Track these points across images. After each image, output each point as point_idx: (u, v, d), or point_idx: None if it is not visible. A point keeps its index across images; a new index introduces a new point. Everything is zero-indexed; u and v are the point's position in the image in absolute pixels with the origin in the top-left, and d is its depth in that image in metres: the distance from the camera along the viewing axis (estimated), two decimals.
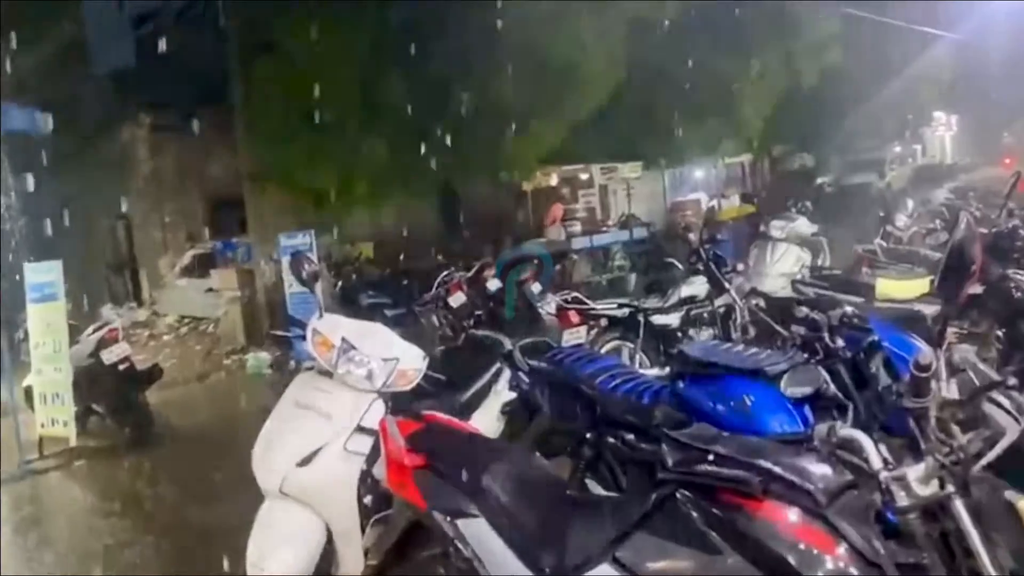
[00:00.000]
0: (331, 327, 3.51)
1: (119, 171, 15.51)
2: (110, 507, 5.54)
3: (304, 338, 3.68)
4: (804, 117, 18.97)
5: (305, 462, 3.12)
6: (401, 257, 12.42)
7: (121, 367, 6.83)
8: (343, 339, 3.38)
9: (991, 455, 1.47)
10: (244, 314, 11.50)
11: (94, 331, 7.15)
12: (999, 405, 1.53)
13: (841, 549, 1.56)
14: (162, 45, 11.57)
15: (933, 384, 1.55)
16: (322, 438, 3.18)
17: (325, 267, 11.31)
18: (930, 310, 4.06)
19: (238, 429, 6.14)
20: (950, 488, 1.50)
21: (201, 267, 13.93)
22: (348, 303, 9.25)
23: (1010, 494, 1.51)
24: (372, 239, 15.08)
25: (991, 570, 1.43)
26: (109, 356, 6.77)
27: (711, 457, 1.85)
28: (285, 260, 10.30)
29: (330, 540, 3.09)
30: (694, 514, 1.80)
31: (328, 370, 3.39)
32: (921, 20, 18.62)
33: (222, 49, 11.48)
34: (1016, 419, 1.49)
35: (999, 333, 4.07)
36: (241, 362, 10.53)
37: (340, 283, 10.62)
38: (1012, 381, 1.57)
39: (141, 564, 4.47)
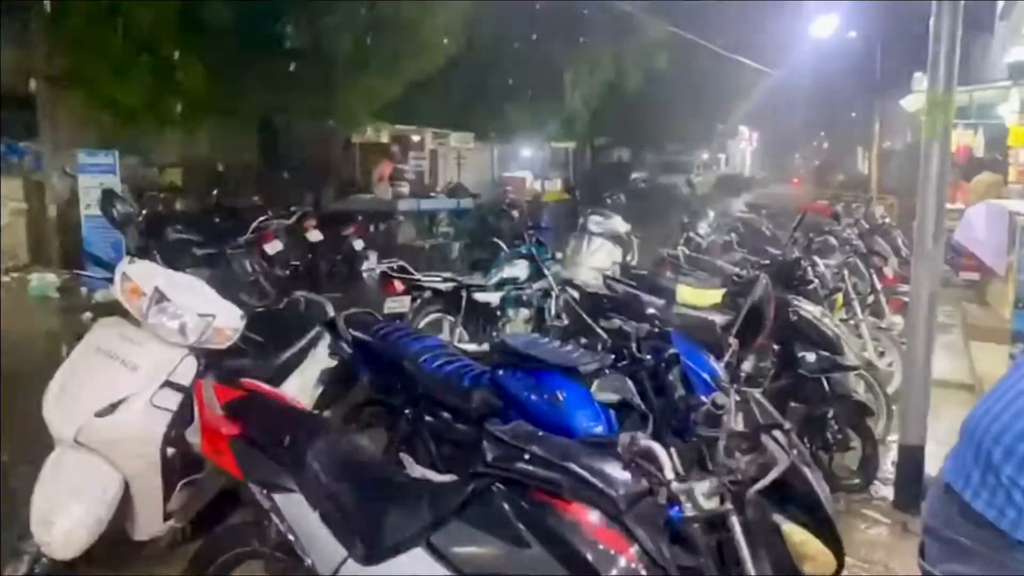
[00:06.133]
0: (143, 274, 3.33)
1: None
2: None
3: (106, 280, 3.47)
4: (626, 114, 20.12)
5: (105, 413, 2.97)
6: (214, 192, 11.70)
7: None
8: (156, 289, 3.22)
9: (765, 481, 1.74)
10: (30, 229, 10.37)
11: None
12: (775, 440, 1.81)
13: (633, 551, 1.77)
14: None
15: (725, 418, 1.82)
16: (126, 389, 3.03)
17: (128, 190, 10.45)
18: (720, 319, 4.52)
19: (20, 357, 5.58)
20: (729, 505, 1.76)
21: None
22: (152, 236, 8.57)
23: (777, 517, 1.80)
24: (181, 166, 14.09)
25: None
26: None
27: (528, 457, 2.01)
28: (83, 178, 9.46)
29: (128, 497, 2.97)
30: (507, 507, 1.93)
31: (137, 319, 3.23)
32: (738, 50, 20.80)
33: None
34: (787, 453, 1.78)
35: (775, 347, 4.61)
36: (23, 281, 9.50)
37: (144, 211, 9.82)
38: (788, 425, 1.86)
39: None
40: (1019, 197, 8.92)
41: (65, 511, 2.83)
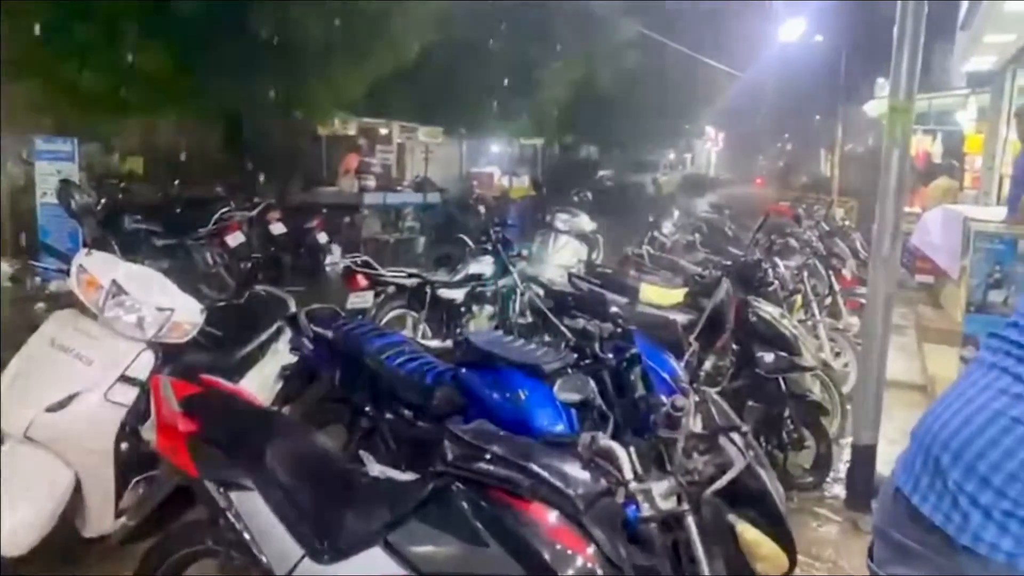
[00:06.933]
0: (101, 266, 3.27)
1: None
2: None
3: (62, 271, 3.39)
4: (595, 112, 20.22)
5: (57, 407, 2.91)
6: (176, 182, 11.48)
7: None
8: (113, 281, 3.16)
9: (721, 482, 1.77)
10: None
11: None
12: (732, 441, 1.84)
13: (590, 551, 1.78)
14: None
15: (684, 420, 1.84)
16: (80, 384, 2.98)
17: (86, 178, 10.22)
18: (682, 318, 4.57)
19: None
20: (685, 505, 1.78)
21: None
22: (110, 225, 8.38)
23: (731, 517, 1.83)
24: (143, 154, 13.80)
25: None
26: None
27: (488, 456, 2.01)
28: (40, 165, 9.23)
29: (80, 493, 2.91)
30: (466, 507, 1.94)
31: (93, 312, 3.16)
32: (706, 52, 21.12)
33: None
34: (743, 455, 1.81)
35: (735, 347, 4.66)
36: None
37: (102, 200, 9.59)
38: (745, 428, 1.89)
39: None
40: (974, 203, 9.13)
41: (13, 507, 2.76)
